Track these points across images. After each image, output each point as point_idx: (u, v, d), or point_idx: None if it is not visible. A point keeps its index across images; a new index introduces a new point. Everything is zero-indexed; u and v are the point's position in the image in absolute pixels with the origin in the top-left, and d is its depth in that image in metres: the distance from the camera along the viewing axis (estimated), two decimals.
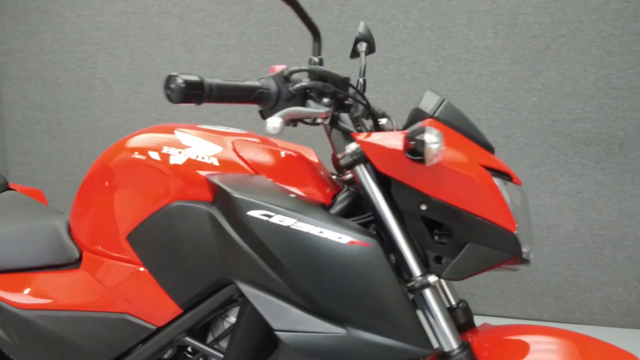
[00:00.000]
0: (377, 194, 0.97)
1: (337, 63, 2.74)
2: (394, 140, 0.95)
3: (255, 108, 1.00)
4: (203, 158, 1.03)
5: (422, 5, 2.61)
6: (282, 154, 1.08)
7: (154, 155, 1.05)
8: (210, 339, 1.11)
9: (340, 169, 1.12)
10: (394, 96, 2.68)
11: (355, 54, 1.31)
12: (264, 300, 0.94)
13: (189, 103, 0.88)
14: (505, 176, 0.98)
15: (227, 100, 0.91)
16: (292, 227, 0.91)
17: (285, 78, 0.96)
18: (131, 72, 2.99)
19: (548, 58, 2.50)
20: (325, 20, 2.72)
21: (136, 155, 1.06)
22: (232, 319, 1.07)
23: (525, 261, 0.97)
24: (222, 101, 0.91)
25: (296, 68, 0.98)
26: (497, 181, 0.94)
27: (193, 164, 1.02)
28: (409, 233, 0.97)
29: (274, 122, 0.88)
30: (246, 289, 0.95)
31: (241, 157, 1.04)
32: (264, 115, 1.00)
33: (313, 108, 0.96)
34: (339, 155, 1.02)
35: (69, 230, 1.18)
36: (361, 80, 1.23)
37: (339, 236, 0.90)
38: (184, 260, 1.02)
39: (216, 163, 1.03)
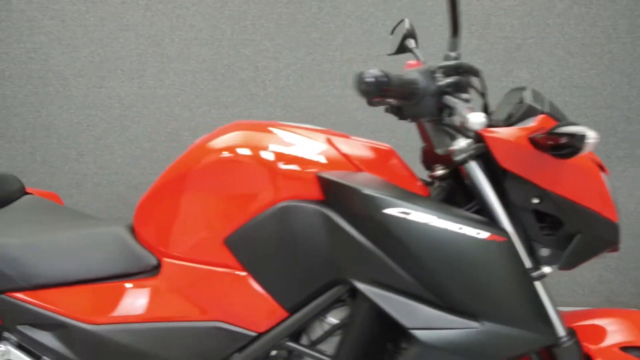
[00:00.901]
0: (489, 188, 0.98)
1: (316, 59, 2.74)
2: (517, 135, 0.96)
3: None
4: (310, 156, 1.00)
5: (400, 4, 2.67)
6: (375, 149, 1.07)
7: (260, 154, 0.99)
8: (304, 340, 1.07)
9: (431, 164, 1.12)
10: None
11: (402, 50, 1.32)
12: (391, 299, 0.93)
13: (379, 99, 0.85)
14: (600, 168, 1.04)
15: (398, 96, 0.91)
16: (431, 224, 0.91)
17: (432, 73, 0.96)
18: (91, 64, 2.79)
19: (518, 58, 2.65)
20: (303, 17, 2.69)
21: (235, 155, 1.00)
22: (332, 319, 1.04)
23: (618, 249, 1.03)
24: (395, 97, 0.90)
25: (444, 64, 0.98)
26: (602, 174, 1.00)
27: (302, 162, 0.99)
28: (519, 226, 0.99)
29: (478, 117, 0.89)
30: (368, 289, 0.93)
31: (343, 154, 1.02)
32: (405, 111, 0.99)
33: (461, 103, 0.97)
34: (440, 151, 1.02)
35: (134, 236, 1.08)
36: None
37: (477, 232, 0.92)
38: (294, 262, 0.98)
39: (323, 160, 1.00)
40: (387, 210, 0.91)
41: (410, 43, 1.29)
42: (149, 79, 2.78)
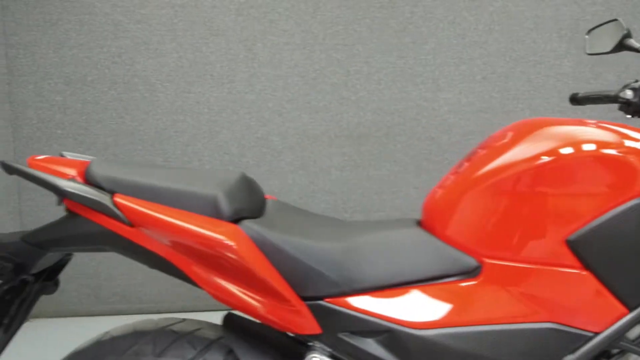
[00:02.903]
0: None
1: (408, 63, 2.76)
2: None
3: None
4: None
5: (492, 9, 2.73)
6: None
7: (611, 150, 0.97)
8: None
9: None
10: (466, 96, 2.76)
11: (619, 48, 1.34)
12: None
13: None
14: None
15: None
16: None
17: None
18: (179, 70, 2.74)
19: (606, 62, 2.74)
20: (396, 21, 2.72)
21: (582, 153, 0.97)
22: None
23: None
24: None
25: None
26: None
27: None
28: None
29: None
30: None
31: None
32: None
33: None
34: None
35: (436, 238, 1.05)
36: None
37: None
38: None
39: None
40: None
41: (632, 42, 1.30)
42: (239, 84, 2.75)
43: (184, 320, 1.11)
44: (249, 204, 1.04)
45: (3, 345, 1.00)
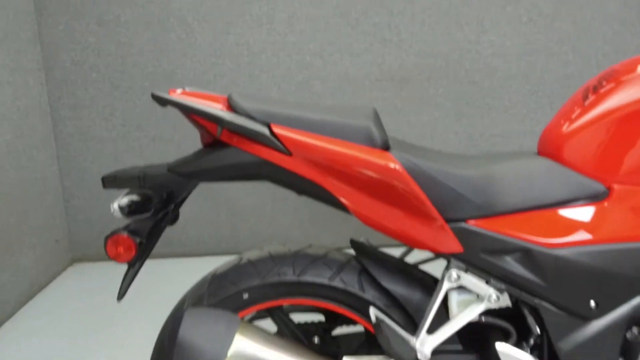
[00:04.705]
0: None
1: (453, 3, 2.69)
2: None
3: None
4: None
5: None
6: None
7: None
8: None
9: None
10: (510, 38, 2.71)
11: None
12: None
13: None
14: None
15: None
16: None
17: None
18: (217, 10, 2.64)
19: None
20: None
21: None
22: None
23: None
24: None
25: None
26: None
27: None
28: None
29: None
30: None
31: None
32: None
33: None
34: None
35: (562, 165, 1.12)
36: None
37: None
38: None
39: None
40: None
41: None
42: (279, 25, 2.67)
43: (311, 245, 1.23)
44: (387, 135, 1.10)
45: (134, 276, 1.06)
